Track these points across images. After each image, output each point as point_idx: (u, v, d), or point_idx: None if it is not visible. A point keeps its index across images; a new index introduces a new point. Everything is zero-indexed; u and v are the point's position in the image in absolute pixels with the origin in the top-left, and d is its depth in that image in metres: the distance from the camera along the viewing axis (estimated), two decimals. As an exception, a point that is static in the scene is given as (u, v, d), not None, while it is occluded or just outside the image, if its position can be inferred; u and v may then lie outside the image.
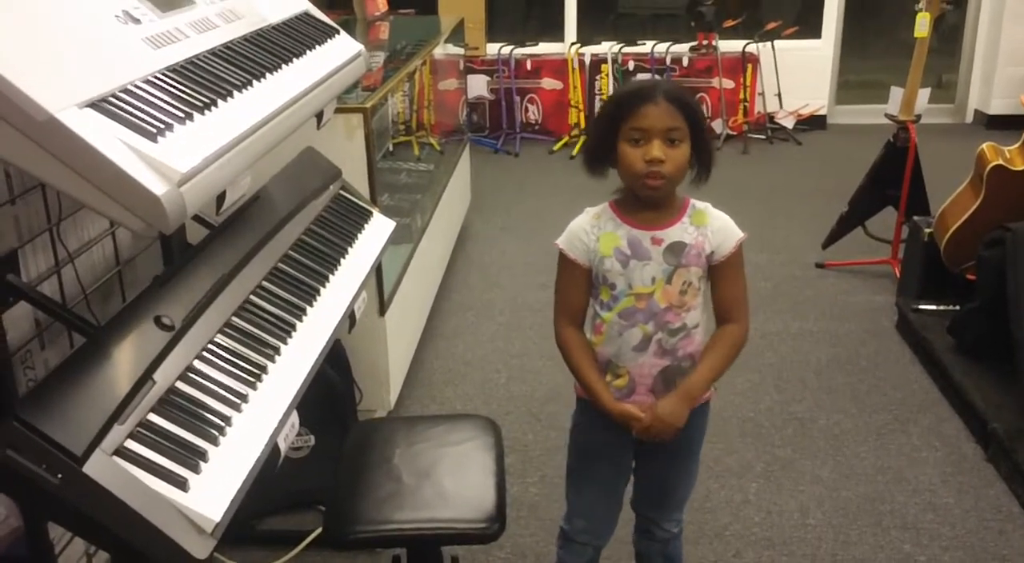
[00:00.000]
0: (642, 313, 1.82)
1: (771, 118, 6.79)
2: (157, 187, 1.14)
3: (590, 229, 1.84)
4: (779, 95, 6.76)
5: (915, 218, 3.95)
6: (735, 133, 6.61)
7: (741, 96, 6.72)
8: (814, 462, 2.94)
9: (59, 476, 1.09)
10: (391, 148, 4.59)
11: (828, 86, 7.05)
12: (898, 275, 4.14)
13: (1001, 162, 3.51)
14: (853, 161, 4.98)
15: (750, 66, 6.68)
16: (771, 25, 6.61)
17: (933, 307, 3.66)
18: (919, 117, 4.16)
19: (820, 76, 6.99)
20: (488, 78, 6.77)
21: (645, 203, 1.81)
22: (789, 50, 6.74)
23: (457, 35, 5.01)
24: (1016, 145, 3.56)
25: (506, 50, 6.65)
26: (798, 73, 6.78)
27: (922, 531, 2.62)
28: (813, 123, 6.93)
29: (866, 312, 3.98)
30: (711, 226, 1.82)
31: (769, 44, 6.65)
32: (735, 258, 1.84)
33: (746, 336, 1.89)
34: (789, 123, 6.83)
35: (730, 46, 6.67)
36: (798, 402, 3.29)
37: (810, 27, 6.95)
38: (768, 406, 3.26)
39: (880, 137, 4.33)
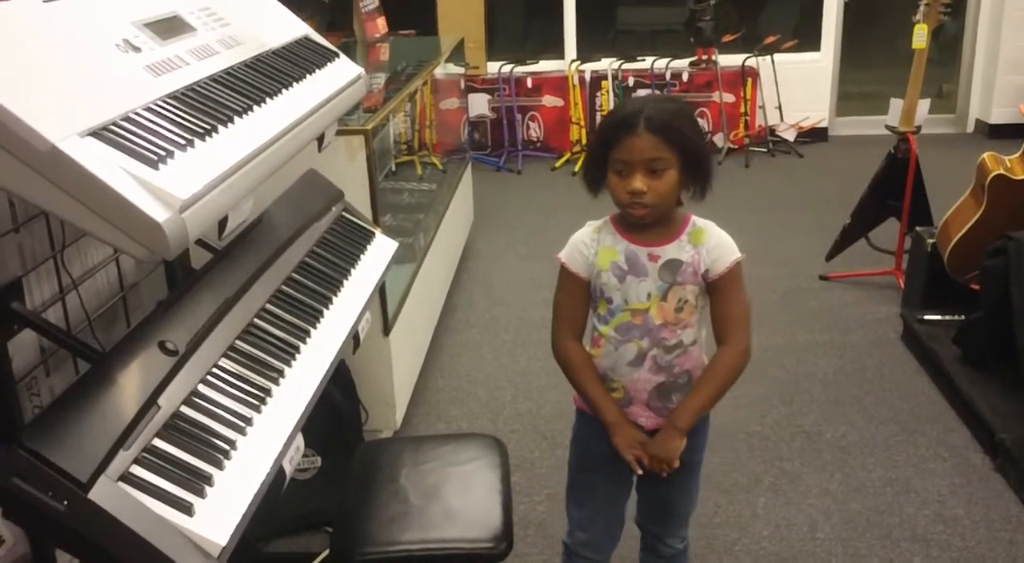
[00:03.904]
0: (638, 329, 1.82)
1: (772, 131, 6.81)
2: (159, 214, 1.15)
3: (590, 242, 1.85)
4: (780, 108, 6.78)
5: (918, 229, 3.96)
6: (736, 147, 6.63)
7: (742, 110, 6.74)
8: (822, 475, 2.93)
9: (65, 503, 1.09)
10: (393, 168, 4.62)
11: (828, 98, 7.07)
12: (902, 286, 4.14)
13: (1002, 171, 3.51)
14: (855, 172, 4.99)
15: (750, 80, 6.70)
16: (770, 39, 6.63)
17: (938, 317, 3.66)
18: (919, 128, 4.16)
19: (820, 88, 7.01)
20: (489, 96, 6.79)
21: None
22: (788, 63, 6.76)
23: (457, 54, 5.04)
24: (1017, 154, 3.57)
25: (506, 68, 6.68)
26: (798, 86, 6.80)
27: (932, 543, 2.61)
28: (814, 135, 6.95)
29: (871, 323, 3.98)
30: (707, 244, 1.81)
31: (768, 58, 6.68)
32: (730, 277, 1.82)
33: (744, 357, 1.85)
34: (790, 136, 6.84)
35: (729, 60, 6.70)
36: (805, 415, 3.28)
37: (809, 40, 6.97)
38: (775, 419, 3.25)
39: (881, 148, 4.34)
